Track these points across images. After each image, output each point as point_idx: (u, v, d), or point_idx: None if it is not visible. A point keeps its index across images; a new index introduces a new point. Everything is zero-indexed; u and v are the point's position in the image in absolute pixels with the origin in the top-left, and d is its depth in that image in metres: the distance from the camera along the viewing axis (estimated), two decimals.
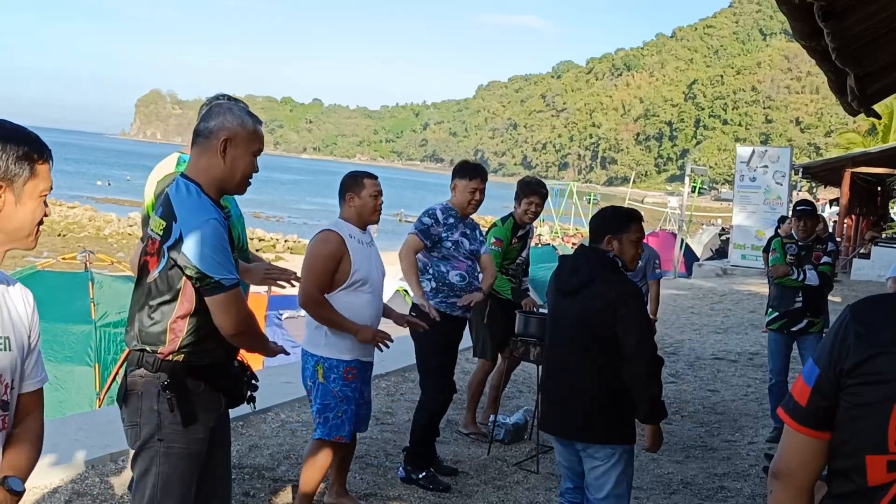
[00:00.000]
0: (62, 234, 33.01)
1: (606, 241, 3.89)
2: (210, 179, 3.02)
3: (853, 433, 1.74)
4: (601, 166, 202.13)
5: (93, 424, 5.87)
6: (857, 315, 1.80)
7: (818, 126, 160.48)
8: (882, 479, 1.68)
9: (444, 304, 5.58)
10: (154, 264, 2.96)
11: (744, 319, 14.24)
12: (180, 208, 2.92)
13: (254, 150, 3.06)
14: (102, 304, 7.96)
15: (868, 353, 1.71)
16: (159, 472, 2.98)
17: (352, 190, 4.71)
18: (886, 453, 1.67)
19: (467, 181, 5.71)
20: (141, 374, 2.99)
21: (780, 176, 21.79)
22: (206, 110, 3.13)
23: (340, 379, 4.57)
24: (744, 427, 7.49)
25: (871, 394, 1.70)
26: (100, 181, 71.85)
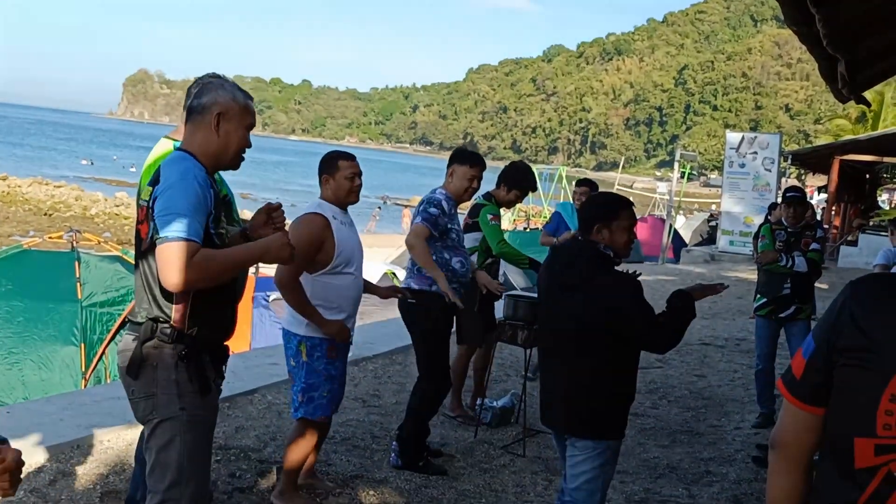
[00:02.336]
0: (48, 213, 32.74)
1: (596, 231, 3.78)
2: (205, 154, 3.05)
3: (843, 413, 1.76)
4: (591, 151, 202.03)
5: (78, 404, 5.84)
6: (857, 295, 1.80)
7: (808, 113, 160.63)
8: (869, 462, 1.70)
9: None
10: (145, 231, 3.00)
11: (731, 305, 14.28)
12: (165, 172, 2.97)
13: (246, 123, 3.11)
14: (89, 283, 7.91)
15: (861, 337, 1.73)
16: (185, 441, 3.02)
17: (327, 171, 4.68)
18: (874, 437, 1.68)
19: (468, 168, 5.66)
20: (154, 345, 3.00)
21: (770, 162, 21.81)
22: (197, 88, 3.12)
23: (324, 357, 4.55)
24: (730, 412, 7.51)
25: (861, 377, 1.72)
26: (84, 160, 71.31)
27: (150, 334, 3.01)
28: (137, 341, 3.02)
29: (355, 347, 7.89)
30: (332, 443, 5.79)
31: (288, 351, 4.66)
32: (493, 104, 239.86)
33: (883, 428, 1.68)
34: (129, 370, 3.03)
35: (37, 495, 4.51)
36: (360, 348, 8.07)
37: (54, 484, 4.67)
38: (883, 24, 5.60)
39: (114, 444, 5.20)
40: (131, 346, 3.03)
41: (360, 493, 5.09)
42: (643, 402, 7.64)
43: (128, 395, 3.11)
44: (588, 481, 3.83)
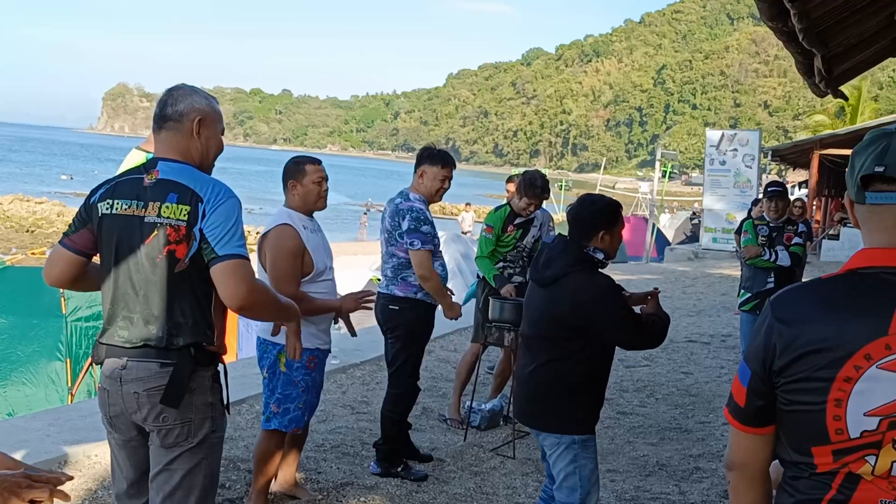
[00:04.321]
0: (31, 229, 32.55)
1: (600, 238, 3.80)
2: (190, 161, 3.01)
3: (795, 428, 1.80)
4: (572, 153, 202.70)
5: (64, 419, 5.81)
6: (778, 313, 1.83)
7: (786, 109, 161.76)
8: (830, 467, 1.76)
9: (430, 296, 5.47)
10: (184, 251, 2.86)
11: (716, 302, 14.36)
12: (201, 187, 2.89)
13: (221, 128, 3.13)
14: (73, 298, 7.86)
15: (793, 356, 1.76)
16: (210, 463, 3.04)
17: (294, 177, 4.58)
18: (829, 443, 1.74)
19: (439, 168, 5.47)
20: (192, 370, 2.94)
21: (750, 159, 21.96)
22: (167, 97, 3.06)
23: (303, 368, 4.51)
24: (717, 408, 7.53)
25: (803, 394, 1.76)
26: (64, 175, 70.94)
27: (192, 361, 2.93)
28: (176, 369, 2.90)
29: (343, 354, 7.92)
30: (321, 450, 5.78)
31: (263, 361, 4.59)
32: (473, 109, 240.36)
33: (835, 433, 1.73)
34: (169, 400, 2.90)
35: None
36: (347, 355, 8.07)
37: None
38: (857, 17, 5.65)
39: (101, 459, 5.17)
40: (158, 373, 2.91)
41: (350, 501, 5.07)
42: (631, 400, 7.67)
43: (149, 422, 2.95)
44: (564, 478, 3.86)
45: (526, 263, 6.68)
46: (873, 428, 1.71)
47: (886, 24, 6.04)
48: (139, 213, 2.90)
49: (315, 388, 4.62)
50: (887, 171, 1.71)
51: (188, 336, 2.91)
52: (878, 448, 1.72)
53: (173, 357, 2.91)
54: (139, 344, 2.92)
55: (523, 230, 6.61)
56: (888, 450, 1.71)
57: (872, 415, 1.71)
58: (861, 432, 1.72)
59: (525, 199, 6.48)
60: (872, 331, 1.70)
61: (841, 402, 1.71)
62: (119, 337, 2.95)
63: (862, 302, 1.74)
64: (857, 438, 1.72)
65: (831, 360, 1.71)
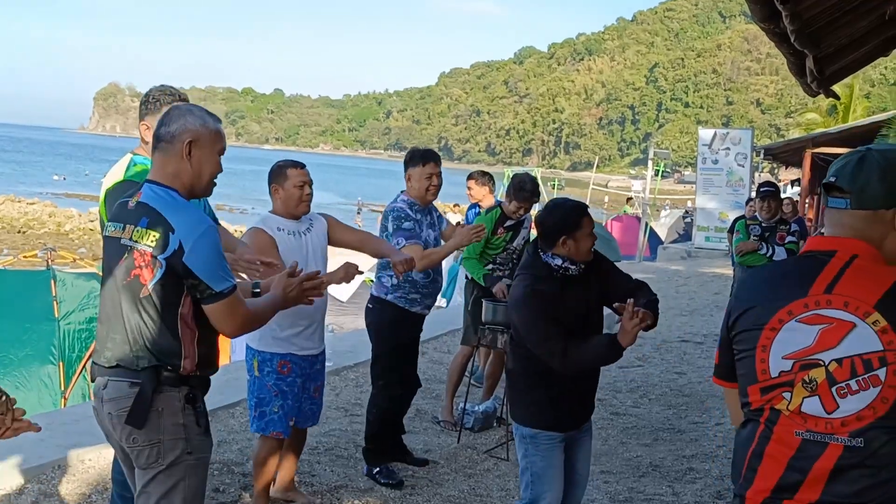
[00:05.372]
0: (22, 230, 32.48)
1: (562, 243, 3.78)
2: (181, 184, 2.96)
3: (741, 374, 2.23)
4: (565, 151, 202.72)
5: (58, 423, 5.79)
6: (740, 283, 2.33)
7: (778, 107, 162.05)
8: (759, 403, 2.17)
9: (404, 300, 5.47)
10: (148, 277, 2.85)
11: (709, 301, 14.37)
12: (174, 217, 2.85)
13: (218, 149, 3.03)
14: (66, 301, 7.85)
15: (739, 311, 2.24)
16: (188, 486, 2.97)
17: (276, 181, 4.63)
18: (757, 382, 2.17)
19: (421, 167, 5.46)
20: (159, 391, 2.92)
21: (742, 158, 21.97)
22: (164, 116, 3.02)
23: (275, 373, 4.53)
24: (711, 409, 7.55)
25: (744, 342, 2.21)
26: (56, 176, 70.71)
27: (157, 382, 2.91)
28: (139, 389, 2.90)
29: (336, 356, 7.91)
30: (315, 453, 5.77)
31: (247, 364, 4.67)
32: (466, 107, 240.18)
33: (761, 373, 2.16)
34: (133, 420, 2.90)
35: None
36: (340, 357, 8.06)
37: None
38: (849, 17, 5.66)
39: (95, 464, 5.16)
40: (128, 394, 2.91)
41: (345, 503, 5.08)
42: (624, 401, 7.68)
43: (123, 444, 2.96)
44: (521, 472, 4.00)
45: (515, 265, 6.69)
46: (788, 369, 2.11)
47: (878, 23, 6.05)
48: (120, 235, 2.94)
49: (290, 394, 4.58)
50: (837, 181, 2.15)
51: (153, 358, 2.90)
52: (791, 386, 2.10)
53: (141, 377, 2.91)
54: (114, 364, 2.95)
55: (513, 232, 6.61)
56: (799, 388, 2.09)
57: (788, 358, 2.11)
58: (779, 372, 2.12)
59: (515, 203, 6.50)
60: (796, 293, 2.13)
61: (766, 347, 2.15)
62: (104, 357, 2.99)
63: (794, 273, 2.22)
64: (776, 378, 2.13)
65: (762, 314, 2.16)
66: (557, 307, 3.75)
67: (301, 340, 4.61)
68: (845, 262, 2.11)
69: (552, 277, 3.80)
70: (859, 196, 2.12)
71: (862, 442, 2.02)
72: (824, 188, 2.19)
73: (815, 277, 2.12)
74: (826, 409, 2.06)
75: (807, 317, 2.09)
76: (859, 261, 2.11)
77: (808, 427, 2.08)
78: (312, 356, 4.69)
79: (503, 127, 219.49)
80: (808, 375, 2.08)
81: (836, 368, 2.05)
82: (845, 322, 2.06)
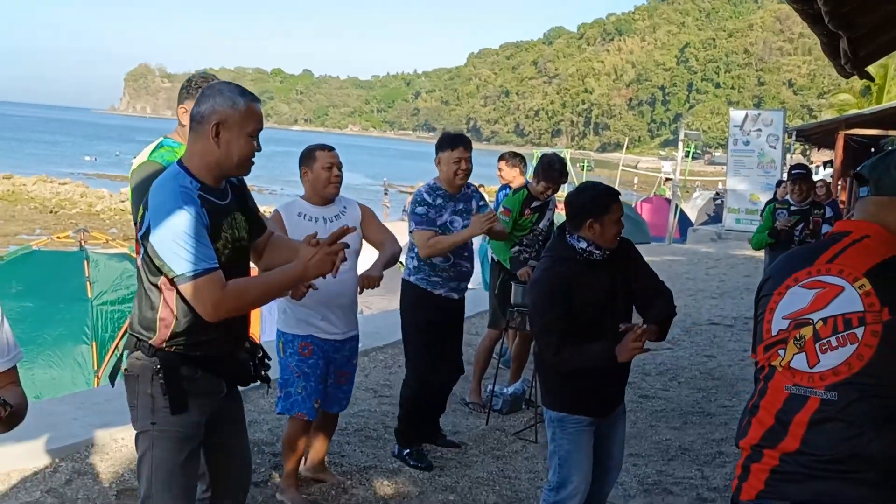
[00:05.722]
0: (54, 210, 32.82)
1: (588, 226, 3.77)
2: (206, 164, 2.97)
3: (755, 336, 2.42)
4: (594, 132, 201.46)
5: (91, 403, 5.87)
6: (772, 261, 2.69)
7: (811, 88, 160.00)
8: (762, 361, 2.36)
9: (426, 281, 5.48)
10: (138, 251, 3.01)
11: (739, 284, 14.27)
12: (153, 197, 2.91)
13: (249, 130, 2.97)
14: (98, 282, 7.93)
15: (762, 283, 2.46)
16: (154, 457, 3.01)
17: (305, 164, 4.66)
18: (762, 341, 2.36)
19: (450, 152, 5.43)
20: (137, 357, 3.01)
21: (774, 139, 21.73)
22: (199, 95, 3.03)
23: (296, 354, 4.57)
24: (741, 392, 7.51)
25: (759, 308, 2.42)
26: (87, 156, 71.24)
27: (134, 347, 3.03)
28: (123, 352, 3.09)
29: (364, 337, 7.91)
30: (344, 434, 5.81)
31: (276, 345, 4.72)
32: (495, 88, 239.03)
33: (766, 332, 2.35)
34: (112, 377, 3.12)
35: (53, 495, 4.54)
36: (369, 338, 8.08)
37: (70, 483, 4.70)
38: None
39: (128, 442, 5.22)
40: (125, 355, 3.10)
41: (374, 483, 5.12)
42: (653, 383, 7.66)
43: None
44: (550, 455, 3.99)
45: (541, 247, 6.68)
46: (785, 328, 2.30)
47: None
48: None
49: (315, 376, 4.60)
50: (862, 170, 2.39)
51: (137, 326, 3.04)
52: (785, 343, 2.29)
53: (128, 343, 3.09)
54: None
55: (540, 214, 6.59)
56: (791, 345, 2.27)
57: (787, 318, 2.30)
58: (778, 331, 2.31)
59: (543, 184, 6.48)
60: (805, 263, 2.33)
61: (773, 310, 2.34)
62: None
63: (810, 249, 2.43)
64: (776, 336, 2.32)
65: (776, 282, 2.37)
66: (576, 291, 3.72)
67: (324, 324, 4.62)
68: (855, 239, 2.31)
69: (575, 260, 3.79)
70: (877, 184, 2.35)
71: (836, 396, 2.18)
72: (855, 178, 2.42)
73: (824, 251, 2.32)
74: (809, 364, 2.23)
75: (808, 282, 2.29)
76: (868, 240, 2.30)
77: (795, 381, 2.25)
78: (338, 341, 4.69)
79: (532, 108, 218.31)
80: (800, 333, 2.26)
81: (821, 326, 2.23)
82: (836, 286, 2.24)
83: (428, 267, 5.45)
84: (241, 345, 3.19)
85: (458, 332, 5.79)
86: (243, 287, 2.94)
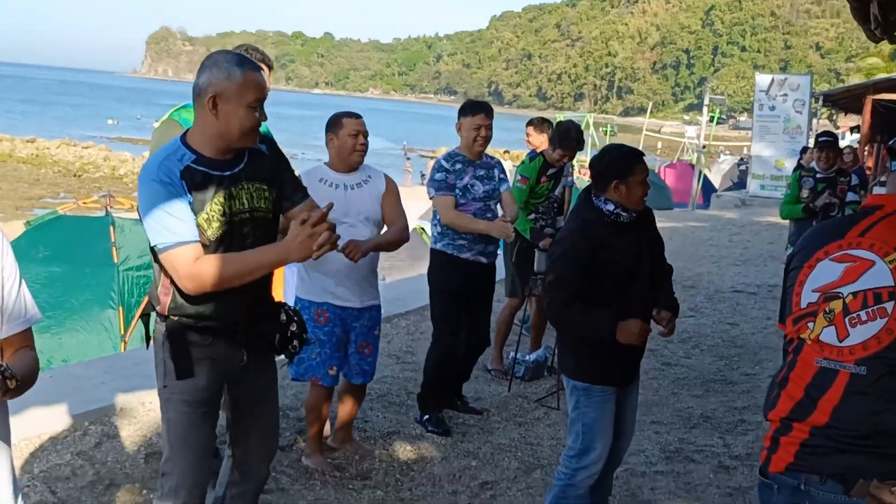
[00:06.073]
0: (78, 174, 33.03)
1: (614, 187, 3.75)
2: (207, 137, 2.94)
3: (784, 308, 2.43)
4: (617, 96, 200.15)
5: (118, 367, 5.94)
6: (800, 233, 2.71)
7: (839, 51, 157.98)
8: (791, 333, 2.36)
9: (451, 246, 5.49)
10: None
11: (763, 251, 14.20)
12: (140, 173, 2.98)
13: (248, 101, 2.90)
14: (124, 247, 7.98)
15: (793, 255, 2.46)
16: (168, 419, 3.11)
17: (331, 130, 4.65)
18: (792, 314, 2.36)
19: (471, 118, 5.47)
20: (157, 324, 3.10)
21: (800, 104, 21.53)
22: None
23: (312, 321, 4.54)
24: (763, 360, 7.51)
25: (789, 280, 2.42)
26: (110, 120, 71.44)
27: (152, 309, 3.14)
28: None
29: (387, 304, 7.95)
30: (367, 400, 5.85)
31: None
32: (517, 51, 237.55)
33: (795, 305, 2.35)
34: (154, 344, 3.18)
35: (83, 458, 4.61)
36: (391, 305, 8.12)
37: (99, 446, 4.78)
38: None
39: (155, 406, 5.26)
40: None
41: (397, 449, 5.17)
42: (676, 351, 7.66)
43: None
44: (571, 423, 3.96)
45: (556, 214, 6.67)
46: (815, 300, 2.30)
47: None
48: None
49: (331, 343, 4.62)
50: (892, 144, 2.38)
51: (151, 292, 3.17)
52: (815, 317, 2.29)
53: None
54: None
55: (555, 181, 6.58)
56: (820, 318, 2.27)
57: (817, 291, 2.30)
58: (807, 304, 2.32)
59: (559, 151, 6.46)
60: (835, 237, 2.32)
61: (802, 283, 2.34)
62: None
63: (840, 222, 2.48)
64: (805, 308, 2.32)
65: (806, 255, 2.36)
66: (604, 254, 3.72)
67: (341, 290, 4.62)
68: (886, 213, 2.29)
69: (603, 223, 3.78)
70: None
71: (865, 370, 2.18)
72: (888, 152, 2.41)
73: (855, 224, 2.31)
74: (839, 338, 2.23)
75: (838, 256, 2.29)
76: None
77: (824, 355, 2.25)
78: (355, 309, 4.68)
79: (555, 71, 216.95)
80: (829, 307, 2.26)
81: (851, 300, 2.23)
82: (867, 260, 2.24)
83: (451, 231, 5.46)
84: (255, 316, 3.14)
85: (487, 301, 5.78)
86: (219, 262, 2.88)
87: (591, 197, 3.85)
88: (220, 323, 3.04)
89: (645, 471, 5.06)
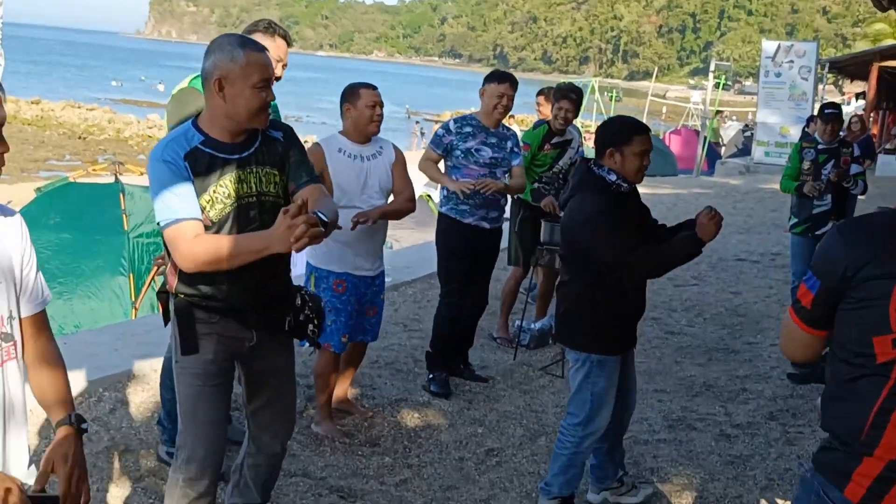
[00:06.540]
0: (83, 136, 32.88)
1: (608, 155, 3.82)
2: (216, 119, 2.99)
3: (859, 323, 2.03)
4: (622, 60, 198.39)
5: (130, 334, 6.03)
6: (845, 232, 2.13)
7: (846, 16, 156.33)
8: (889, 356, 1.98)
9: (455, 210, 5.65)
10: None
11: (766, 219, 14.23)
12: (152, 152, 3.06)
13: (253, 82, 2.92)
14: (134, 214, 8.04)
15: (864, 260, 2.02)
16: (179, 391, 3.21)
17: (348, 101, 4.70)
18: (890, 333, 1.97)
19: (496, 85, 5.61)
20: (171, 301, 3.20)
21: (806, 71, 21.45)
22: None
23: (330, 290, 4.66)
24: (766, 329, 7.58)
25: (869, 289, 2.00)
26: (114, 81, 71.04)
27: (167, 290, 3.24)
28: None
29: (394, 272, 8.05)
30: (375, 367, 5.96)
31: (305, 279, 4.83)
32: (522, 14, 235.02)
33: (894, 322, 1.96)
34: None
35: (98, 423, 4.71)
36: (398, 273, 8.21)
37: (114, 412, 4.88)
38: None
39: None
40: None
41: (404, 416, 5.27)
42: (679, 319, 7.74)
43: None
44: (577, 391, 4.01)
45: (561, 185, 6.71)
46: None
47: None
48: None
49: (344, 311, 4.72)
50: None
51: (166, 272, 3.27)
52: None
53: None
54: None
55: (560, 150, 6.61)
56: None
57: None
58: None
59: (556, 105, 6.47)
60: None
61: None
62: None
63: None
64: None
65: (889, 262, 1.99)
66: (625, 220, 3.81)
67: (360, 260, 4.72)
68: None
69: (609, 192, 3.84)
70: None
71: None
72: None
73: None
74: None
75: None
76: None
77: None
78: (369, 277, 4.80)
79: (560, 34, 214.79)
80: None
81: None
82: None
83: (455, 195, 5.58)
84: (263, 298, 3.15)
85: (487, 266, 5.90)
86: (217, 242, 2.92)
87: (591, 168, 3.90)
88: (224, 304, 3.10)
89: (648, 439, 5.16)
